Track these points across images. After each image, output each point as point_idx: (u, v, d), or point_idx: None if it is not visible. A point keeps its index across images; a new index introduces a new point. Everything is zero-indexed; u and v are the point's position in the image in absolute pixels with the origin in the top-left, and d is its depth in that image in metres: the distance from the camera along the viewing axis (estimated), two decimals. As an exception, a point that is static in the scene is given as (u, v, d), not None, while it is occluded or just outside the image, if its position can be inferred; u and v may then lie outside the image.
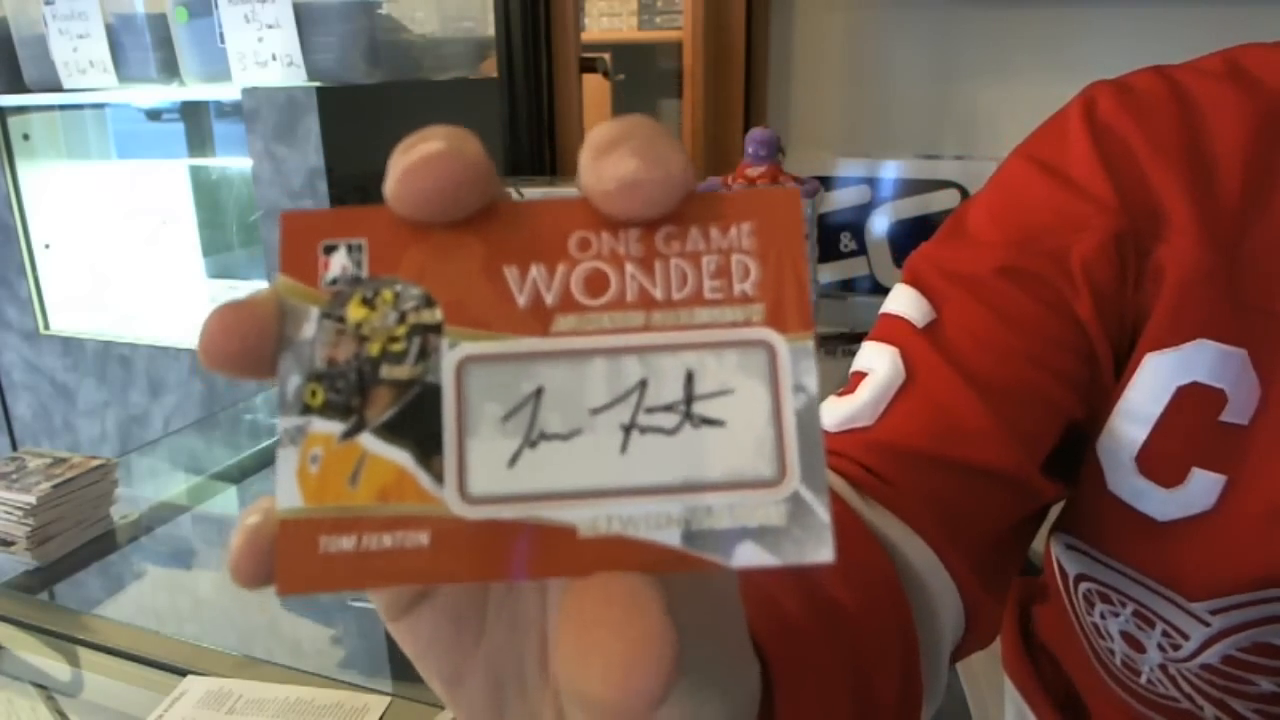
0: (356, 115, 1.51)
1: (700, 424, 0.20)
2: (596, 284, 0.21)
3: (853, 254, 1.70)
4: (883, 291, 1.69)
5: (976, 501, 0.45)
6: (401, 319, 0.21)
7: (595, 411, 0.20)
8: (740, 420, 0.20)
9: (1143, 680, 0.53)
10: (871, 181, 1.67)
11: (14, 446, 2.00)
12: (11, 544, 0.87)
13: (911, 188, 1.65)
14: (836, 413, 0.47)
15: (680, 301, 0.21)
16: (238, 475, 1.12)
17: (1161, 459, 0.46)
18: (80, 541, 0.91)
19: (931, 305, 0.49)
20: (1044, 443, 0.46)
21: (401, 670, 0.76)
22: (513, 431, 0.20)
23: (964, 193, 1.59)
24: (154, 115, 1.97)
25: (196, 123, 1.95)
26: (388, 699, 0.66)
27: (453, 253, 0.21)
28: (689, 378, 0.20)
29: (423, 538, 0.20)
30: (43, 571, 0.87)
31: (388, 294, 0.21)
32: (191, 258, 2.04)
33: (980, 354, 0.46)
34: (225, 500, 1.09)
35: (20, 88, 1.76)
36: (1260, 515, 0.44)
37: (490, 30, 1.73)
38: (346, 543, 0.20)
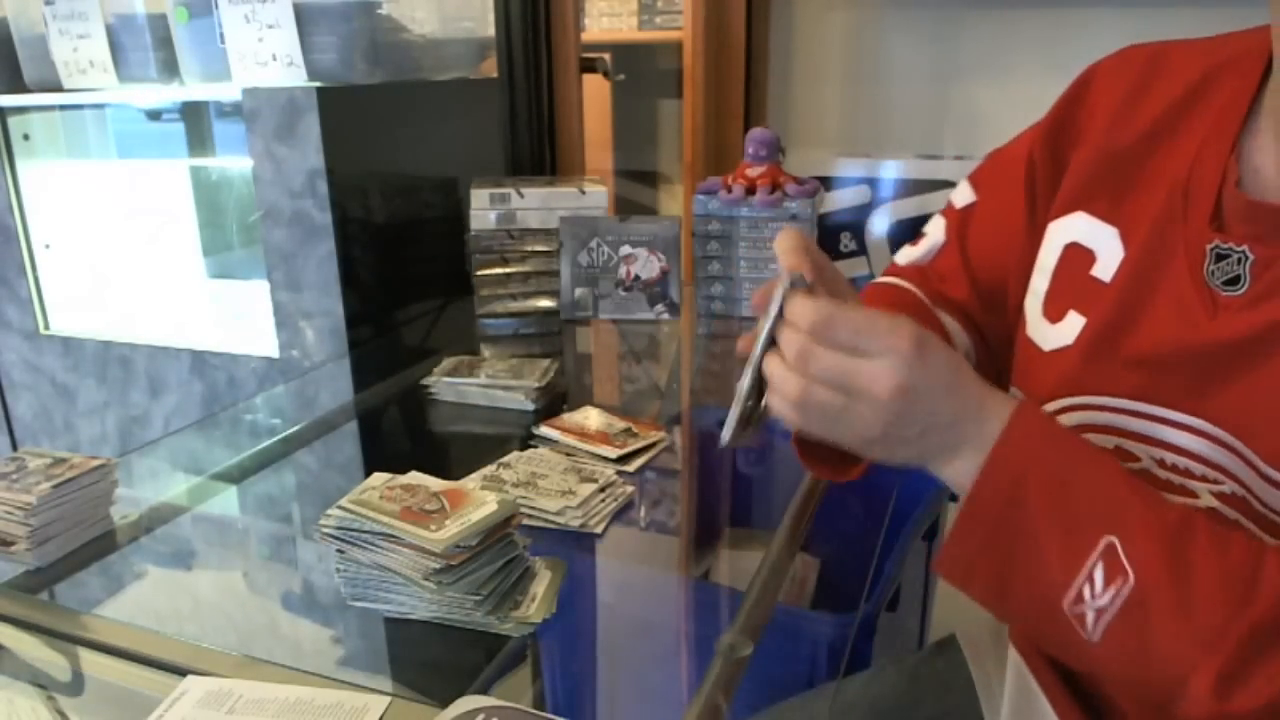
0: (356, 115, 1.51)
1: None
2: None
3: (853, 254, 1.70)
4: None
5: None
6: None
7: None
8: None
9: None
10: (871, 181, 1.67)
11: (14, 446, 2.00)
12: (11, 544, 0.87)
13: (911, 188, 1.65)
14: (910, 255, 0.82)
15: None
16: (238, 475, 1.12)
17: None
18: (80, 541, 0.91)
19: (974, 191, 0.79)
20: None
21: (401, 670, 0.76)
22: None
23: (964, 193, 1.58)
24: (154, 115, 1.97)
25: (196, 123, 1.95)
26: (388, 699, 0.66)
27: None
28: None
29: None
30: (43, 571, 0.87)
31: None
32: (191, 258, 2.03)
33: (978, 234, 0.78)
34: (225, 500, 1.08)
35: (20, 88, 1.76)
36: None
37: (490, 30, 1.73)
38: None
